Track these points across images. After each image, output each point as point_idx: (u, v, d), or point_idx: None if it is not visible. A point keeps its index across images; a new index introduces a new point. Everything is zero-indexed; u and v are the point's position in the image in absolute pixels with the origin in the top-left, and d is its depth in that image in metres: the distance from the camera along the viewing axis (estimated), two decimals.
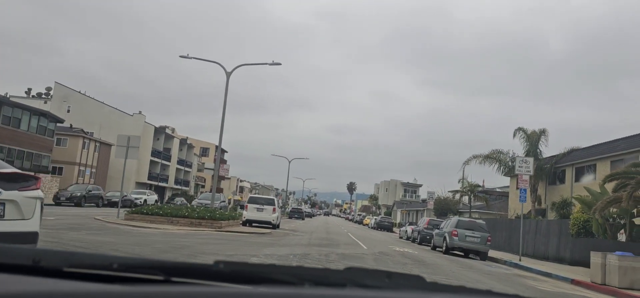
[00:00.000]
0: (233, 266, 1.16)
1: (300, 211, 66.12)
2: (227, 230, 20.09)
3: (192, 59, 27.85)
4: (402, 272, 1.26)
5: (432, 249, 27.02)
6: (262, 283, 1.13)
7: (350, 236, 30.73)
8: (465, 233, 23.20)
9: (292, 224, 40.04)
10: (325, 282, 1.15)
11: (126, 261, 1.16)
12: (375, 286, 1.16)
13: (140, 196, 47.17)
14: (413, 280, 1.22)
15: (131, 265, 1.15)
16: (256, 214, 27.17)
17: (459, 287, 1.22)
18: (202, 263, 1.19)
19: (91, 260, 1.19)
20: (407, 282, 1.21)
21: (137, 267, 1.15)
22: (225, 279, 1.13)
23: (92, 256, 1.22)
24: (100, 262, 1.17)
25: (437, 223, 31.30)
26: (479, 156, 34.81)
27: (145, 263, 1.17)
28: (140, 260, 1.18)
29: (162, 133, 68.96)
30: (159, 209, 20.61)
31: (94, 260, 1.19)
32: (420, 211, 66.93)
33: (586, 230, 21.39)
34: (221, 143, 26.89)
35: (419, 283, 1.21)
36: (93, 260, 1.19)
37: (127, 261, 1.17)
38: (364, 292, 1.12)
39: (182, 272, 1.15)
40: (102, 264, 1.16)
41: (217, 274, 1.14)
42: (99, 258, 1.20)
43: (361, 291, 1.13)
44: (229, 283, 1.13)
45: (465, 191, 40.97)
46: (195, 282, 1.12)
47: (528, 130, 33.87)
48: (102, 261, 1.17)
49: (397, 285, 1.18)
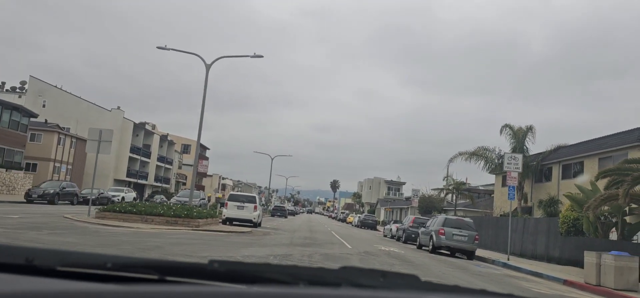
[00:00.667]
0: (228, 265, 1.16)
1: (283, 209, 65.17)
2: (204, 229, 19.08)
3: (171, 51, 26.77)
4: (397, 272, 1.27)
5: (417, 248, 26.32)
6: (256, 282, 1.13)
7: (333, 235, 29.90)
8: (453, 232, 22.52)
9: (274, 222, 39.06)
10: (320, 281, 1.15)
11: (120, 260, 1.17)
12: (370, 285, 1.16)
13: (118, 193, 45.71)
14: (408, 280, 1.22)
15: (125, 264, 1.16)
16: (236, 212, 26.18)
17: (454, 286, 1.21)
18: (196, 263, 1.18)
19: (85, 259, 1.19)
20: (402, 281, 1.21)
21: (131, 266, 1.15)
22: (220, 278, 1.13)
23: (86, 256, 1.21)
24: (94, 261, 1.17)
25: (422, 221, 30.63)
26: (465, 153, 34.23)
27: (140, 263, 1.17)
28: (134, 260, 1.18)
29: (141, 129, 67.30)
30: (132, 207, 19.52)
31: (87, 259, 1.19)
32: (404, 209, 66.41)
33: (576, 229, 20.84)
34: (200, 138, 25.83)
35: (413, 282, 1.21)
36: (87, 259, 1.19)
37: (121, 260, 1.17)
38: (359, 291, 1.12)
39: (177, 271, 1.15)
40: (96, 263, 1.16)
41: (211, 273, 1.14)
42: (93, 258, 1.20)
43: (356, 290, 1.12)
44: (223, 282, 1.12)
45: (451, 189, 40.39)
46: (189, 281, 1.12)
47: (514, 127, 33.41)
48: (96, 260, 1.17)
49: (392, 284, 1.18)
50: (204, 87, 25.69)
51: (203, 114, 25.80)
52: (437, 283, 1.24)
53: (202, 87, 25.72)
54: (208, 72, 25.66)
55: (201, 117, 25.73)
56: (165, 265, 1.16)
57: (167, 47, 26.18)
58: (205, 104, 25.79)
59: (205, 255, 11.40)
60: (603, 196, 15.87)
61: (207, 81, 25.64)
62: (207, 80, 25.64)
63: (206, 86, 25.67)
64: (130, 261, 1.18)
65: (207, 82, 25.65)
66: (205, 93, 25.74)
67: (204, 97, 25.75)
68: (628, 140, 24.24)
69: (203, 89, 25.76)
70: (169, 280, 1.12)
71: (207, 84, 25.72)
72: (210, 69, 25.74)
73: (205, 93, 25.74)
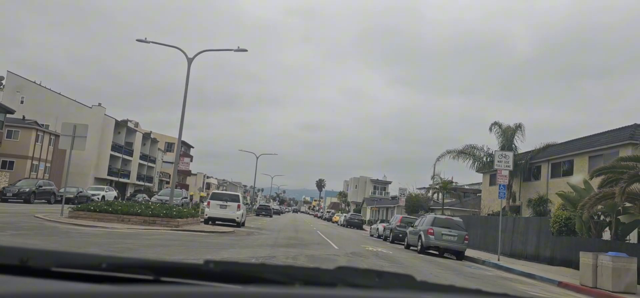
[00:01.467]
0: (223, 265, 1.16)
1: (268, 208, 64.28)
2: (184, 229, 18.19)
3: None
4: (392, 272, 1.30)
5: (405, 248, 25.68)
6: (252, 282, 1.12)
7: (319, 235, 29.16)
8: (442, 232, 21.90)
9: (258, 222, 38.19)
10: (315, 281, 1.15)
11: (115, 261, 1.16)
12: (365, 285, 1.16)
13: (98, 192, 44.40)
14: (403, 280, 1.22)
15: (120, 265, 1.16)
16: (219, 211, 25.30)
17: (449, 286, 1.21)
18: (192, 263, 1.17)
19: (80, 259, 1.19)
20: (397, 281, 1.21)
21: (126, 267, 1.15)
22: (215, 279, 1.13)
23: (81, 256, 1.21)
24: (89, 262, 1.17)
25: (410, 220, 30.01)
26: (453, 151, 33.70)
27: (135, 263, 1.17)
28: (129, 260, 1.18)
29: (123, 126, 65.86)
30: (108, 206, 18.56)
31: (82, 259, 1.19)
32: (391, 209, 65.88)
33: (568, 228, 20.33)
34: (181, 134, 24.91)
35: (409, 282, 1.21)
36: (82, 259, 1.19)
37: (116, 261, 1.17)
38: (355, 291, 1.12)
39: (172, 272, 1.15)
40: (90, 264, 1.16)
41: (207, 274, 1.14)
42: (87, 258, 1.19)
43: (352, 290, 1.12)
44: (219, 282, 1.12)
45: (438, 188, 39.87)
46: (185, 282, 1.11)
47: (503, 125, 32.96)
48: (91, 261, 1.17)
49: (387, 284, 1.18)
50: (185, 82, 24.77)
51: (184, 110, 24.88)
52: (432, 283, 1.23)
53: (189, 84, 24.80)
54: (190, 66, 24.77)
55: (182, 113, 24.81)
56: (160, 265, 1.16)
57: (147, 40, 25.21)
58: (186, 100, 24.87)
59: (181, 257, 10.58)
60: (599, 195, 15.33)
61: (188, 75, 24.74)
62: (188, 74, 24.73)
63: (188, 81, 24.76)
64: (125, 261, 1.17)
65: (188, 76, 24.74)
66: (186, 88, 24.82)
67: (186, 93, 24.83)
68: (619, 138, 23.83)
69: (192, 87, 24.84)
70: (164, 281, 1.11)
71: (189, 79, 24.84)
72: (192, 63, 24.85)
73: (186, 88, 24.82)
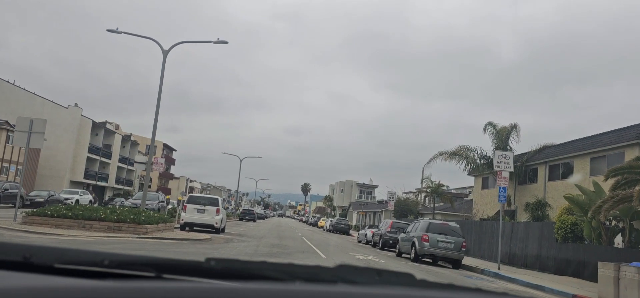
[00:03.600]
0: (224, 263, 1.17)
1: (251, 212, 62.17)
2: (153, 236, 16.25)
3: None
4: (392, 270, 1.27)
5: (397, 255, 23.98)
6: (253, 279, 1.12)
7: (305, 241, 27.36)
8: (438, 238, 20.23)
9: (241, 227, 36.23)
10: (316, 279, 1.15)
11: (117, 257, 1.17)
12: (365, 283, 1.16)
13: (72, 196, 42.02)
14: (403, 278, 1.22)
15: (122, 262, 1.16)
16: (196, 216, 23.39)
17: (448, 284, 1.20)
18: (193, 260, 1.18)
19: (82, 256, 1.20)
20: (396, 279, 1.21)
21: (128, 264, 1.16)
22: (216, 275, 1.14)
23: (83, 253, 1.22)
24: (92, 258, 1.18)
25: (402, 226, 28.35)
26: (445, 153, 32.12)
27: (137, 260, 1.17)
28: (131, 257, 1.19)
29: (101, 128, 63.35)
30: (68, 210, 16.56)
31: (85, 256, 1.20)
32: (378, 213, 64.18)
33: (575, 234, 18.78)
34: (156, 131, 22.92)
35: (408, 280, 1.21)
36: (84, 256, 1.20)
37: (118, 257, 1.17)
38: (355, 288, 1.10)
39: (174, 269, 1.16)
40: (93, 260, 1.17)
41: (208, 271, 1.15)
42: (90, 255, 1.20)
43: (351, 287, 1.10)
44: (220, 279, 1.12)
45: (429, 192, 38.28)
46: (186, 279, 1.12)
47: (498, 125, 31.50)
48: (93, 257, 1.18)
49: (387, 281, 1.18)
50: (160, 76, 22.85)
51: (159, 106, 22.94)
52: (432, 281, 1.22)
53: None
54: (165, 59, 22.87)
55: (157, 109, 22.87)
56: (162, 262, 1.16)
57: (118, 30, 23.23)
58: (161, 97, 22.93)
59: None
60: (616, 197, 13.76)
61: (164, 68, 22.82)
62: (164, 68, 22.82)
63: (163, 75, 22.83)
64: (127, 258, 1.17)
65: (164, 70, 22.82)
66: (161, 83, 22.90)
67: (161, 87, 22.90)
68: (625, 138, 22.39)
69: (160, 79, 22.91)
70: (165, 278, 1.12)
71: (167, 79, 22.89)
72: (167, 55, 22.95)
73: (161, 83, 22.90)
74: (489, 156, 31.86)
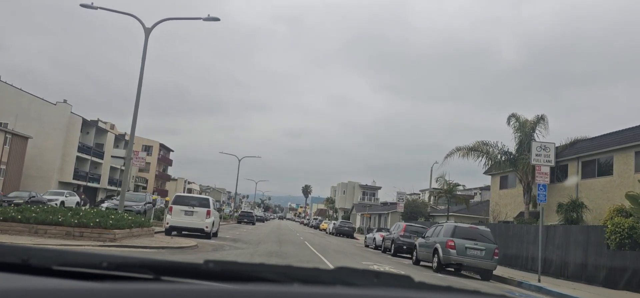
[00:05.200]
0: (223, 265, 1.15)
1: (250, 215, 59.00)
2: (122, 244, 13.13)
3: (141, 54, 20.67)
4: (390, 272, 1.19)
5: (414, 263, 20.90)
6: (251, 281, 1.11)
7: (307, 247, 24.32)
8: (466, 245, 17.15)
9: (237, 231, 33.14)
10: (314, 281, 1.14)
11: (116, 260, 1.16)
12: (363, 285, 1.15)
13: (56, 197, 38.87)
14: (401, 280, 1.20)
15: (121, 264, 1.15)
16: (184, 219, 20.34)
17: (447, 286, 1.18)
18: (192, 262, 1.17)
19: (81, 258, 1.19)
20: (395, 281, 1.20)
21: (126, 266, 1.14)
22: (214, 278, 1.12)
23: (82, 255, 1.20)
24: (90, 260, 1.16)
25: (417, 229, 25.31)
26: (463, 149, 28.98)
27: (135, 262, 1.15)
28: (129, 259, 1.17)
29: (92, 126, 60.25)
30: (17, 212, 13.47)
31: (83, 258, 1.19)
32: (384, 215, 61.02)
33: (633, 240, 15.68)
34: (136, 117, 19.82)
35: (406, 282, 1.20)
36: (83, 258, 1.19)
37: (116, 260, 1.16)
38: (353, 290, 1.09)
39: (172, 271, 1.15)
40: (91, 262, 1.15)
41: (206, 273, 1.13)
42: (88, 257, 1.19)
43: (350, 289, 1.10)
44: (218, 281, 1.11)
45: (443, 192, 35.14)
46: (184, 281, 1.11)
47: (521, 117, 28.43)
48: (92, 259, 1.16)
49: (385, 283, 1.17)
50: (142, 56, 19.83)
51: (140, 90, 19.91)
52: (430, 283, 1.20)
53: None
54: (147, 38, 19.85)
55: (138, 93, 19.82)
56: (160, 264, 1.15)
57: (93, 5, 20.18)
58: (143, 79, 19.91)
59: None
60: None
61: (146, 48, 19.79)
62: (146, 47, 19.79)
63: (145, 54, 19.81)
64: (125, 260, 1.16)
65: (146, 49, 19.80)
66: (143, 65, 19.88)
67: (142, 69, 19.88)
68: None
69: (141, 60, 19.88)
70: (163, 280, 1.11)
71: (146, 54, 19.87)
72: (150, 34, 19.94)
73: (143, 65, 19.88)
74: (510, 151, 28.81)
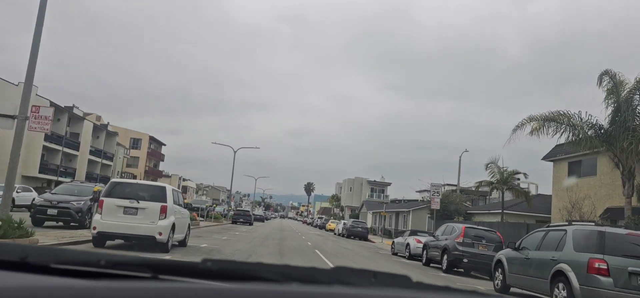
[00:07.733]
0: (220, 264, 1.15)
1: (246, 214, 50.80)
2: None
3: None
4: (388, 272, 1.22)
5: (500, 291, 12.88)
6: (249, 280, 1.11)
7: (318, 256, 16.59)
8: (630, 269, 9.11)
9: (225, 235, 25.12)
10: (312, 280, 1.13)
11: (113, 258, 1.16)
12: (361, 284, 1.14)
13: None
14: (399, 280, 1.20)
15: (118, 262, 1.15)
16: (122, 220, 12.40)
17: (445, 286, 1.19)
18: (189, 261, 1.18)
19: (79, 256, 1.18)
20: (393, 281, 1.20)
21: (124, 264, 1.14)
22: (212, 277, 1.12)
23: (80, 253, 1.20)
24: (88, 259, 1.16)
25: (482, 234, 17.36)
26: (536, 119, 20.88)
27: (133, 261, 1.15)
28: (127, 257, 1.17)
29: (64, 112, 51.92)
30: None
31: (81, 256, 1.19)
32: (404, 213, 52.84)
33: None
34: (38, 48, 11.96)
35: (404, 282, 1.20)
36: (80, 256, 1.19)
37: (114, 258, 1.16)
38: (351, 289, 1.09)
39: (170, 269, 1.15)
40: (89, 261, 1.15)
41: (204, 271, 1.13)
42: (86, 255, 1.19)
43: (348, 289, 1.09)
44: (216, 280, 1.11)
45: (496, 183, 27.06)
46: (182, 280, 1.11)
47: (618, 75, 20.40)
48: (90, 258, 1.16)
49: (383, 283, 1.17)
50: None
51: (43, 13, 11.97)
52: (428, 283, 1.20)
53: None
54: None
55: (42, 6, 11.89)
56: (158, 263, 1.15)
57: None
58: None
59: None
60: None
61: None
62: None
63: None
64: (123, 259, 1.16)
65: None
66: None
67: None
68: None
69: None
70: (161, 278, 1.11)
71: None
72: None
73: None
74: (601, 124, 20.78)
